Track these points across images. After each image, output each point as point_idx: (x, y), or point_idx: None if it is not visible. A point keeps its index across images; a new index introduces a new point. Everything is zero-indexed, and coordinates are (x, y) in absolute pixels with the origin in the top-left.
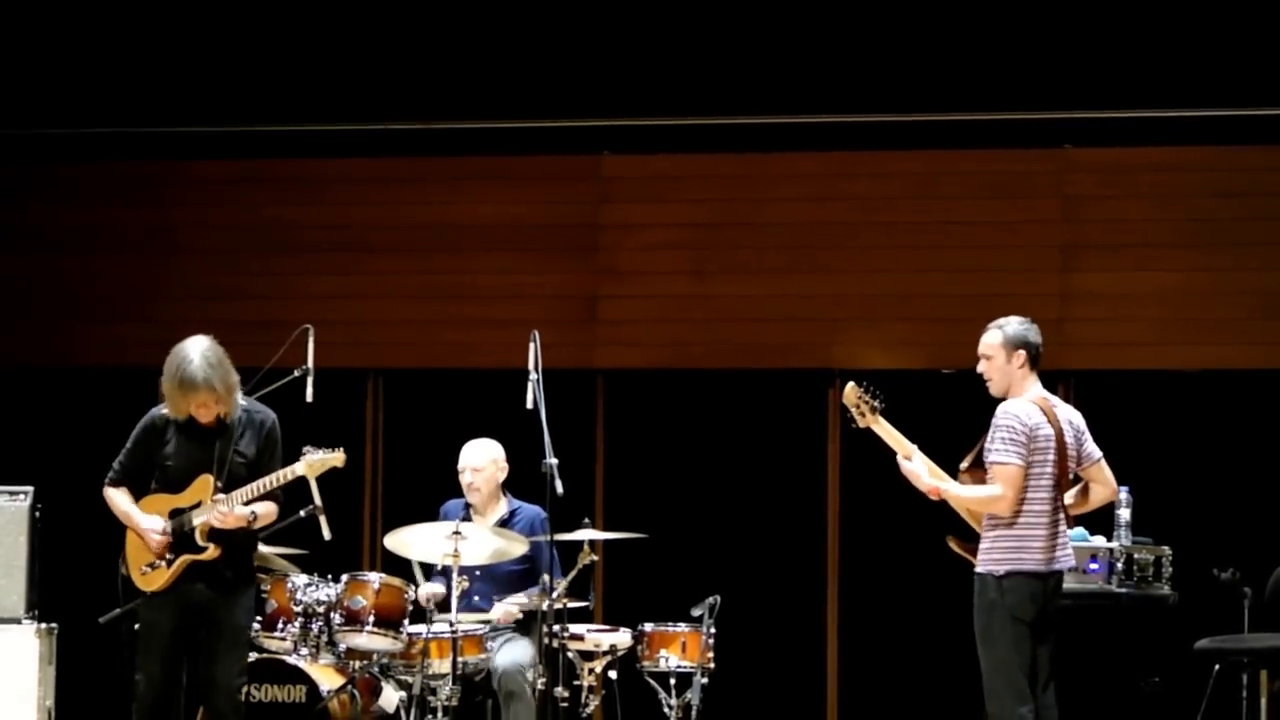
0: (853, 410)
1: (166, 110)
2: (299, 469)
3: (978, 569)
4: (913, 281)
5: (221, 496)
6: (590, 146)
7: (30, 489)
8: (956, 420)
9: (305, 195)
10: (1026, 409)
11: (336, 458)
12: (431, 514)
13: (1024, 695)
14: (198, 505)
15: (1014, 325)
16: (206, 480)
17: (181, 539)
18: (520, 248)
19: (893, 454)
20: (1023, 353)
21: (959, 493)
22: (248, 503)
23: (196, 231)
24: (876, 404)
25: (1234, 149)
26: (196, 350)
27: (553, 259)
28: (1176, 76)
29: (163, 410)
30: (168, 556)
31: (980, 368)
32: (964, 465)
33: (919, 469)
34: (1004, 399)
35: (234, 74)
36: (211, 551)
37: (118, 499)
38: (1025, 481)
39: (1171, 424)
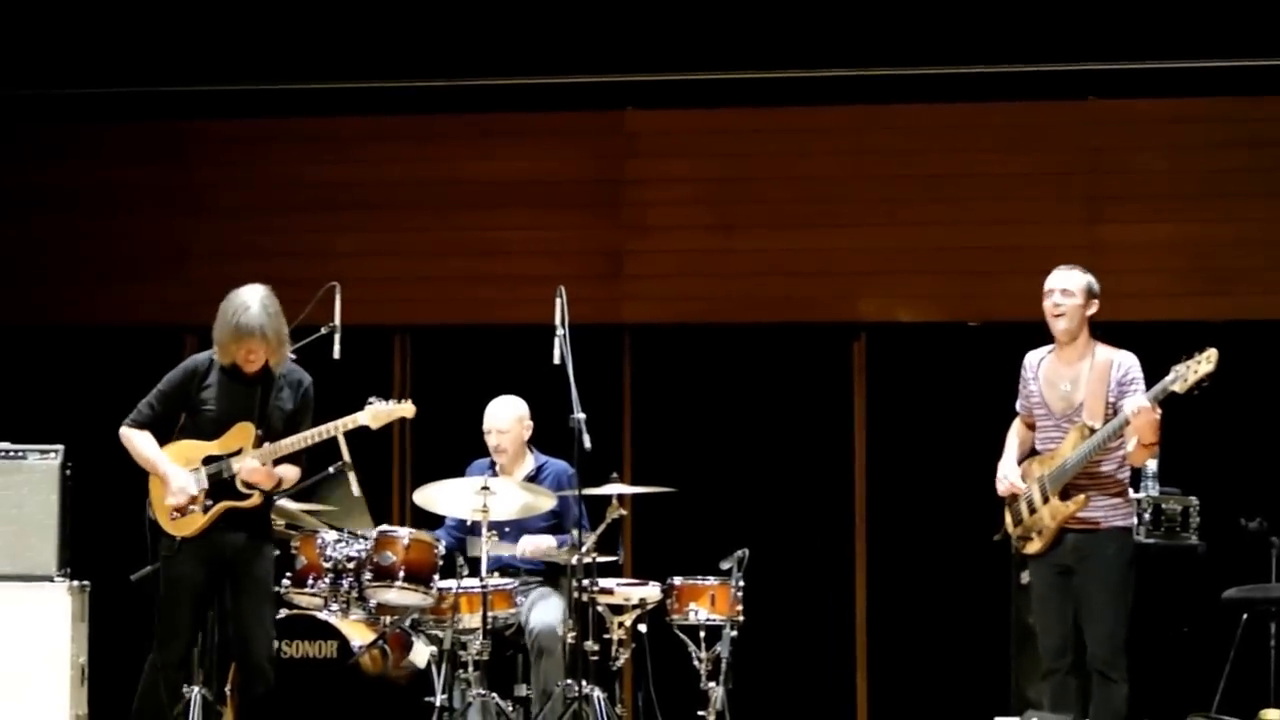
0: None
1: (191, 70)
2: (362, 418)
3: (1120, 524)
4: (937, 234)
5: (267, 447)
6: (614, 102)
7: (60, 447)
8: (981, 372)
9: (330, 153)
10: None
11: (404, 409)
12: (459, 470)
13: None
14: (238, 452)
15: (1090, 277)
16: (247, 428)
17: (218, 485)
18: (545, 204)
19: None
20: (1096, 304)
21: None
22: (281, 460)
23: (222, 190)
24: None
25: (1259, 99)
26: (255, 297)
27: (578, 214)
28: (1200, 27)
29: (209, 354)
30: (206, 503)
31: (1056, 300)
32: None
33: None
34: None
35: (259, 32)
36: (255, 498)
37: (140, 442)
38: None
39: None
